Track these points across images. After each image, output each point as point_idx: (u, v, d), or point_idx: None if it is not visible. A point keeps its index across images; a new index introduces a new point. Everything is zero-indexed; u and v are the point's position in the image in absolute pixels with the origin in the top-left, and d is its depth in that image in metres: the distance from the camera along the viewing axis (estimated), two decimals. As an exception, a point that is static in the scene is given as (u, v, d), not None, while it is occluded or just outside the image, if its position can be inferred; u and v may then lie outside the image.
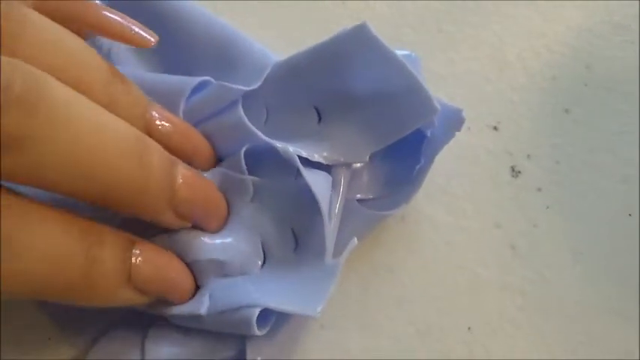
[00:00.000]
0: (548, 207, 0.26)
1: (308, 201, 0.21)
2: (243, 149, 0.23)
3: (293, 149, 0.22)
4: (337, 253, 0.21)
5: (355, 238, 0.21)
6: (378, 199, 0.25)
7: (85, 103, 0.17)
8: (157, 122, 0.21)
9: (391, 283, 0.24)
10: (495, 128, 0.27)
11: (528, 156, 0.27)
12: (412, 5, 0.30)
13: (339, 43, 0.23)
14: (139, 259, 0.19)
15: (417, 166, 0.24)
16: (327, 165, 0.23)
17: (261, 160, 0.23)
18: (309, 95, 0.24)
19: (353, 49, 0.23)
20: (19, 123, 0.15)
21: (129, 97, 0.21)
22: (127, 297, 0.19)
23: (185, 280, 0.21)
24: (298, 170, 0.21)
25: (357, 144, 0.23)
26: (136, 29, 0.21)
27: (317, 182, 0.21)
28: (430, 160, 0.24)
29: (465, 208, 0.26)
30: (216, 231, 0.22)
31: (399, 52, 0.24)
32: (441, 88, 0.27)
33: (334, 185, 0.23)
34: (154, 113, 0.21)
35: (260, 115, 0.24)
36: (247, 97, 0.23)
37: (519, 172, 0.26)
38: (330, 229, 0.21)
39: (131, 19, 0.21)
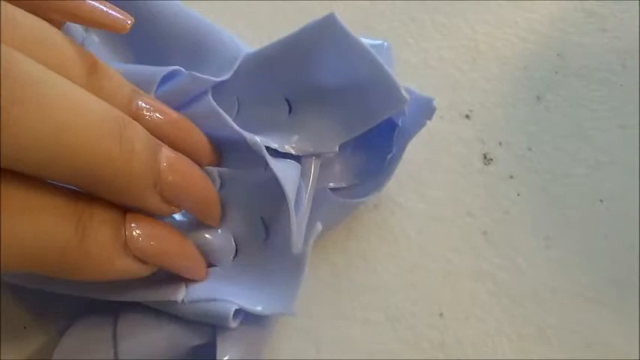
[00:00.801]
0: (519, 194, 0.26)
1: (277, 191, 0.21)
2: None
3: (262, 139, 0.22)
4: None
5: (319, 223, 0.21)
6: (350, 187, 0.25)
7: (58, 80, 0.16)
8: (145, 112, 0.21)
9: (364, 271, 0.24)
10: (467, 116, 0.27)
11: (500, 143, 0.27)
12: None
13: (307, 33, 0.23)
14: (135, 231, 0.19)
15: (389, 155, 0.24)
16: (297, 155, 0.23)
17: (231, 151, 0.23)
18: (280, 86, 0.24)
19: (321, 39, 0.23)
20: None
21: (112, 85, 0.20)
22: (127, 267, 0.19)
23: (187, 250, 0.20)
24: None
25: (327, 134, 0.23)
26: (112, 12, 0.20)
27: (285, 171, 0.22)
28: (402, 149, 0.24)
29: (437, 195, 0.26)
30: (209, 220, 0.22)
31: (371, 42, 0.24)
32: (414, 76, 0.28)
33: (304, 174, 0.23)
34: (140, 103, 0.21)
35: (231, 106, 0.24)
36: (218, 89, 0.23)
37: (491, 159, 0.26)
38: (298, 218, 0.21)
39: (104, 2, 0.20)
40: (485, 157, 0.27)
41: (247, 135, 0.22)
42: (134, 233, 0.19)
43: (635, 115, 0.27)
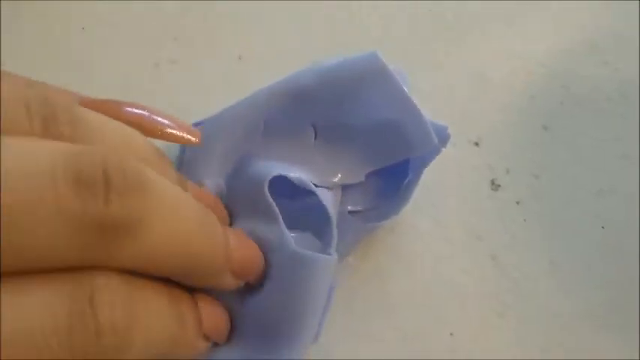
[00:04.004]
0: (526, 219, 0.27)
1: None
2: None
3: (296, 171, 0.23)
4: None
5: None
6: (368, 210, 0.26)
7: (171, 185, 0.18)
8: None
9: (378, 291, 0.25)
10: (477, 144, 0.28)
11: (508, 170, 0.28)
12: (401, 24, 0.31)
13: (348, 68, 0.24)
14: (204, 312, 0.20)
15: (405, 180, 0.25)
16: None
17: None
18: (308, 113, 0.25)
19: (361, 75, 0.24)
20: (131, 207, 0.15)
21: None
22: (204, 345, 0.20)
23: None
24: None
25: (353, 165, 0.24)
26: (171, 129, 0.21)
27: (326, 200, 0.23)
28: (418, 175, 0.25)
29: (448, 219, 0.27)
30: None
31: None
32: (426, 104, 0.28)
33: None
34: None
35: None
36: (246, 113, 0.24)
37: (499, 185, 0.28)
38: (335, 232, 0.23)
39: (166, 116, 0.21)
40: (493, 184, 0.28)
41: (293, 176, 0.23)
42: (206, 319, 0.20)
43: (635, 145, 0.29)
